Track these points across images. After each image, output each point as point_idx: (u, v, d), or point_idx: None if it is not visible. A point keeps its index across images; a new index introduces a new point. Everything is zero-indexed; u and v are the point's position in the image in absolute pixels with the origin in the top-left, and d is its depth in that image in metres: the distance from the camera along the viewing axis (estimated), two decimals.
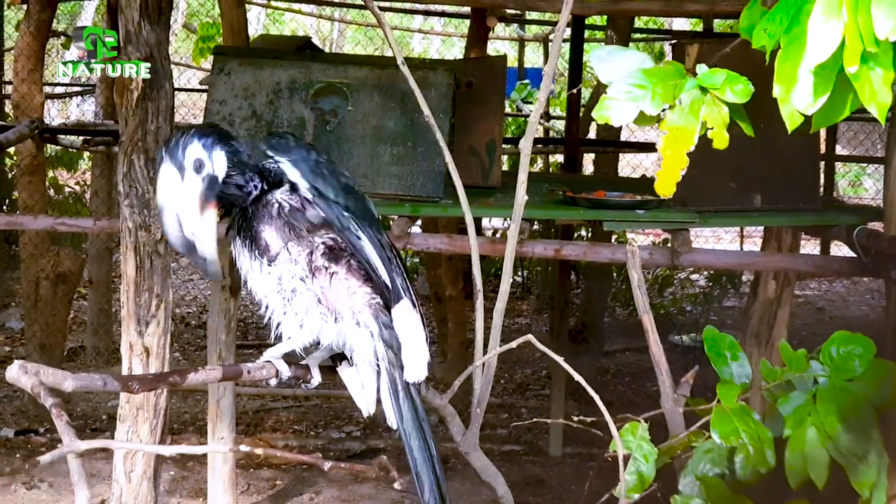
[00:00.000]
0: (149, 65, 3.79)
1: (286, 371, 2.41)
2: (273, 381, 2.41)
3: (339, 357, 2.47)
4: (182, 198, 2.30)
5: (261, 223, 2.36)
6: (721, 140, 2.07)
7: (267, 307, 2.39)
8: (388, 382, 2.39)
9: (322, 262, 2.36)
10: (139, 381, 2.27)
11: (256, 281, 2.38)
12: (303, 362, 2.44)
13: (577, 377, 2.54)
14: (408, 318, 2.39)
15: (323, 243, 2.36)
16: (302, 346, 2.38)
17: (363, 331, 2.37)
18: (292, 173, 2.36)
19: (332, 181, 2.37)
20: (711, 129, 2.06)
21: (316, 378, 2.46)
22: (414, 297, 2.42)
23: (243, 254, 2.38)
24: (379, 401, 2.41)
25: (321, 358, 2.45)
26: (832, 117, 1.81)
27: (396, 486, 2.28)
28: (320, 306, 2.35)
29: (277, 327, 2.39)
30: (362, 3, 3.13)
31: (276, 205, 2.35)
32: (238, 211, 2.38)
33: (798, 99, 1.75)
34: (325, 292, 2.36)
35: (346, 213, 2.34)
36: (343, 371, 2.48)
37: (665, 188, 2.09)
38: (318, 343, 2.39)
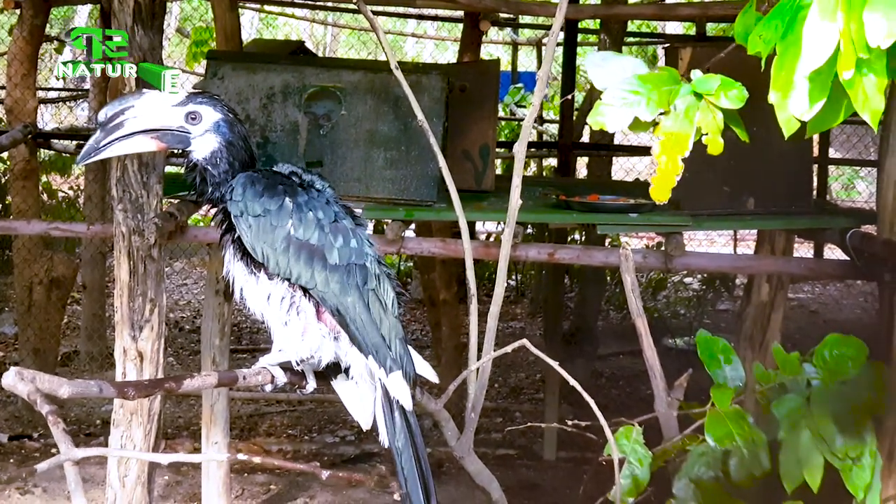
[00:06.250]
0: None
1: (282, 377, 2.40)
2: (268, 387, 2.41)
3: (333, 367, 2.45)
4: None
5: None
6: (716, 146, 2.07)
7: (264, 321, 2.39)
8: (384, 400, 2.38)
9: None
10: (135, 388, 2.27)
11: (252, 296, 2.37)
12: (297, 368, 2.43)
13: (572, 381, 2.55)
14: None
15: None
16: (299, 359, 2.37)
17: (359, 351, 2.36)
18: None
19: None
20: (706, 134, 2.06)
21: (311, 384, 2.46)
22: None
23: (237, 265, 2.36)
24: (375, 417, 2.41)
25: (316, 365, 2.44)
26: (826, 123, 1.81)
27: (396, 497, 2.28)
28: (319, 324, 2.35)
29: (276, 340, 2.38)
30: (355, 7, 3.13)
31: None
32: (222, 211, 2.36)
33: (794, 105, 1.74)
34: (322, 311, 2.35)
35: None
36: (338, 384, 2.48)
37: (660, 194, 2.09)
38: (317, 359, 2.38)
